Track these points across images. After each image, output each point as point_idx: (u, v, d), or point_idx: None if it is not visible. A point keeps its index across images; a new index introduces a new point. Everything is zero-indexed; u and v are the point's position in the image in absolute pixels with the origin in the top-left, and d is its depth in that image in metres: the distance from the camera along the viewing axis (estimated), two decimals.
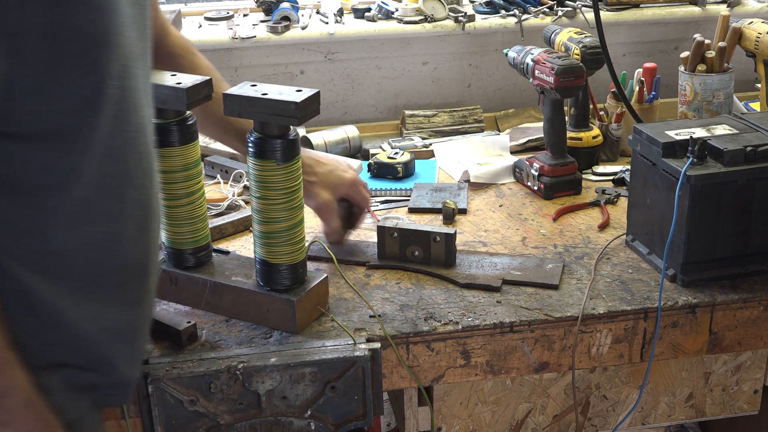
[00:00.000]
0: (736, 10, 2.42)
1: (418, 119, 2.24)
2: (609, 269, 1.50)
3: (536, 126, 2.17)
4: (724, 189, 1.40)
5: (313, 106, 1.25)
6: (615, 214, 1.72)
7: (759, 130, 1.48)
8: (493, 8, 2.36)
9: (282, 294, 1.33)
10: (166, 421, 1.26)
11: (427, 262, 1.52)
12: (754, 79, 2.08)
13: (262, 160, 1.27)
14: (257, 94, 1.24)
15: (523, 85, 2.34)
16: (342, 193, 1.54)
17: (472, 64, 2.39)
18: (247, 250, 1.59)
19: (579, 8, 2.36)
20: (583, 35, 1.95)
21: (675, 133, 1.47)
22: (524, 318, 1.36)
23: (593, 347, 1.39)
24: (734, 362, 1.50)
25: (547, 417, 1.48)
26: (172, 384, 1.25)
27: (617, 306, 1.39)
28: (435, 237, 1.50)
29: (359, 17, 2.34)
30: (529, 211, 1.76)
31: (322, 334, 1.33)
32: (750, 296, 1.41)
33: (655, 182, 1.47)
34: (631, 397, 1.49)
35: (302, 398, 1.29)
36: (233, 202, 1.81)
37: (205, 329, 1.36)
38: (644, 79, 2.03)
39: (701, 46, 1.96)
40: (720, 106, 1.96)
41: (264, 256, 1.33)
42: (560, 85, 1.74)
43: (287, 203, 1.30)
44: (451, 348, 1.35)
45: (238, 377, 1.26)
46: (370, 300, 1.42)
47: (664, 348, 1.42)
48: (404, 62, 2.35)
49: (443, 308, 1.39)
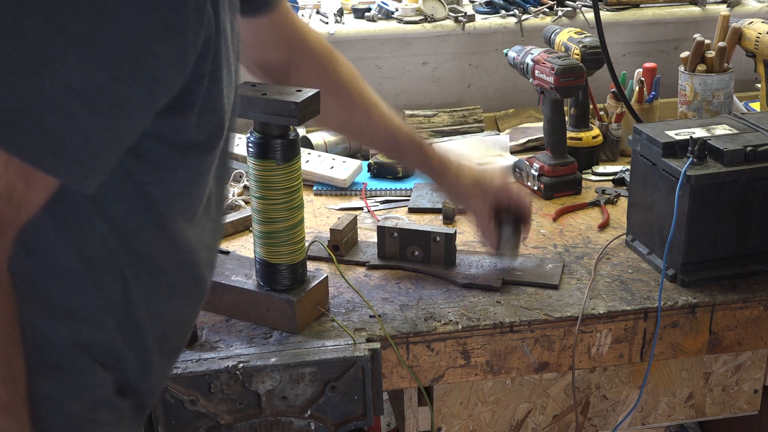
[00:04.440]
0: (736, 10, 2.42)
1: (418, 119, 2.24)
2: (609, 269, 1.50)
3: (536, 126, 2.17)
4: (724, 189, 1.40)
5: (313, 106, 1.25)
6: (615, 214, 1.72)
7: (759, 130, 1.48)
8: (493, 8, 2.36)
9: (282, 294, 1.33)
10: (166, 421, 1.26)
11: (427, 262, 1.52)
12: (754, 79, 2.08)
13: (262, 160, 1.27)
14: (257, 94, 1.24)
15: (523, 85, 2.34)
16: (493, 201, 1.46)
17: (472, 64, 2.39)
18: (247, 250, 1.59)
19: (579, 8, 2.36)
20: (583, 35, 1.95)
21: (675, 133, 1.47)
22: (524, 318, 1.36)
23: (593, 347, 1.39)
24: (734, 362, 1.50)
25: (547, 417, 1.48)
26: (172, 384, 1.25)
27: (617, 306, 1.39)
28: (435, 237, 1.50)
29: (359, 17, 2.34)
30: None
31: (322, 334, 1.33)
32: (750, 296, 1.41)
33: (655, 182, 1.47)
34: (631, 397, 1.49)
35: (302, 398, 1.29)
36: (233, 202, 1.81)
37: (205, 329, 1.36)
38: (644, 79, 2.03)
39: (701, 46, 1.96)
40: (720, 106, 1.96)
41: (264, 256, 1.33)
42: (560, 85, 1.74)
43: (287, 203, 1.30)
44: (451, 348, 1.35)
45: (238, 377, 1.26)
46: (370, 300, 1.42)
47: (664, 348, 1.42)
48: (404, 62, 2.35)
49: (443, 308, 1.39)
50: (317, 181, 1.90)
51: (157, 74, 0.84)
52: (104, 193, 0.91)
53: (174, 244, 1.00)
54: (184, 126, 0.91)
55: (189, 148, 0.94)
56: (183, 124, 0.91)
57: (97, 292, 0.96)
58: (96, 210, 0.93)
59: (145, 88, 0.84)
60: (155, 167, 0.94)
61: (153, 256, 0.99)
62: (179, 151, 0.94)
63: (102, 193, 0.91)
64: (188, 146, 0.94)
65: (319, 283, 1.37)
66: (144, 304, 1.00)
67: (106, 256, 0.95)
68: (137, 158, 0.92)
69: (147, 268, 0.99)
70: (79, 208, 0.92)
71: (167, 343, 1.07)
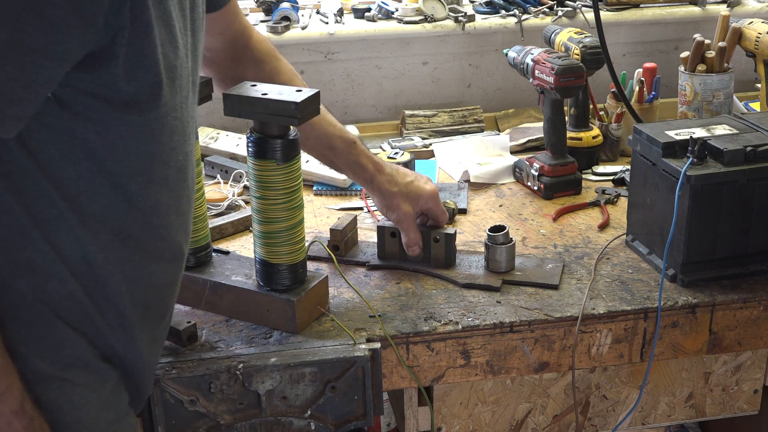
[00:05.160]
0: (736, 10, 2.42)
1: (418, 119, 2.24)
2: (609, 269, 1.50)
3: (536, 126, 2.17)
4: (724, 189, 1.40)
5: (313, 106, 1.25)
6: (615, 214, 1.72)
7: (759, 130, 1.48)
8: (493, 8, 2.36)
9: (282, 294, 1.33)
10: (166, 421, 1.26)
11: (427, 262, 1.52)
12: (754, 79, 2.08)
13: (262, 160, 1.27)
14: (257, 94, 1.24)
15: (523, 85, 2.34)
16: (422, 205, 1.51)
17: (472, 64, 2.39)
18: (247, 250, 1.59)
19: (579, 8, 2.36)
20: (583, 35, 1.95)
21: (675, 133, 1.47)
22: (524, 318, 1.36)
23: (593, 347, 1.39)
24: (734, 362, 1.50)
25: (547, 417, 1.48)
26: (172, 384, 1.25)
27: (617, 306, 1.39)
28: (435, 237, 1.50)
29: (359, 17, 2.34)
30: (529, 211, 1.76)
31: (322, 334, 1.33)
32: (750, 296, 1.41)
33: (655, 182, 1.47)
34: (631, 397, 1.49)
35: (302, 398, 1.29)
36: (233, 202, 1.81)
37: (205, 329, 1.36)
38: (644, 79, 2.03)
39: (701, 46, 1.96)
40: (720, 106, 1.96)
41: (264, 256, 1.33)
42: (560, 85, 1.74)
43: (287, 203, 1.30)
44: (451, 348, 1.35)
45: (238, 377, 1.26)
46: (370, 300, 1.42)
47: (664, 348, 1.42)
48: (404, 62, 2.35)
49: (443, 308, 1.39)
50: (317, 181, 1.90)
51: (60, 24, 0.88)
52: (48, 152, 0.97)
53: (135, 206, 1.04)
54: (111, 79, 0.96)
55: (127, 104, 0.98)
56: (110, 77, 0.96)
57: (50, 249, 1.01)
58: (40, 170, 0.98)
59: (49, 37, 0.89)
60: (95, 124, 0.98)
61: (112, 218, 1.03)
62: (117, 108, 0.98)
63: (46, 153, 0.97)
64: (125, 103, 0.98)
65: (319, 283, 1.37)
66: (117, 269, 1.05)
67: (56, 215, 1.00)
68: (75, 115, 0.97)
69: (110, 231, 1.03)
70: (23, 168, 0.97)
71: (150, 310, 1.12)
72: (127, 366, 1.11)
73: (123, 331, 1.09)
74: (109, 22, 0.92)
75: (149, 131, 1.02)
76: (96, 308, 1.05)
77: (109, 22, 0.92)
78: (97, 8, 0.90)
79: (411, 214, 1.50)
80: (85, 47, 0.92)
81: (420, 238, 1.50)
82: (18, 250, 1.00)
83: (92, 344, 1.07)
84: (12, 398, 0.99)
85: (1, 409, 0.98)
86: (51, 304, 1.03)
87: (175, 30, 1.02)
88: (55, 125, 0.97)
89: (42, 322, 1.03)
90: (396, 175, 1.51)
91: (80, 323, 1.05)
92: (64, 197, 0.99)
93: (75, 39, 0.90)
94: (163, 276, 1.13)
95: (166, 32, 1.00)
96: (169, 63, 1.01)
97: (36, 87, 0.92)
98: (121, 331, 1.08)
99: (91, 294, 1.05)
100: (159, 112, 1.02)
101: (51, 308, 1.03)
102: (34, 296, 1.02)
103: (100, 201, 1.02)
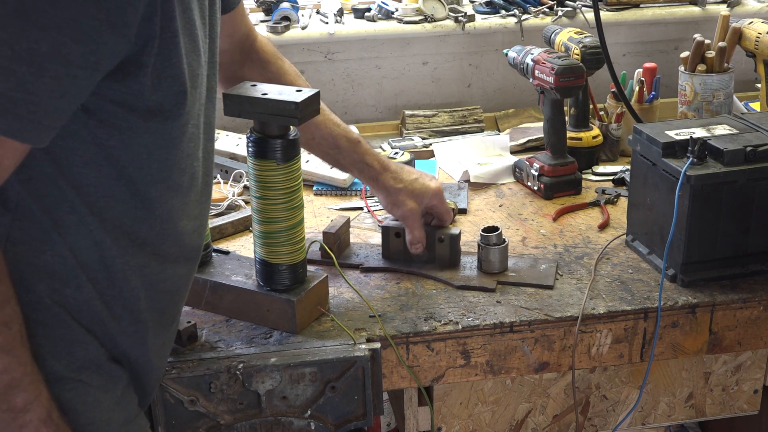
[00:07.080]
0: (736, 10, 2.42)
1: (418, 119, 2.24)
2: (609, 269, 1.50)
3: (536, 126, 2.17)
4: (724, 189, 1.40)
5: (313, 106, 1.25)
6: (615, 214, 1.72)
7: (759, 130, 1.48)
8: (493, 8, 2.36)
9: (282, 294, 1.33)
10: (166, 421, 1.26)
11: (431, 263, 1.51)
12: (754, 79, 2.08)
13: (262, 160, 1.27)
14: (257, 94, 1.24)
15: (523, 85, 2.34)
16: (427, 202, 1.51)
17: (472, 64, 2.39)
18: (247, 250, 1.59)
19: (579, 8, 2.36)
20: (583, 35, 1.95)
21: (675, 133, 1.47)
22: (524, 318, 1.36)
23: (593, 347, 1.39)
24: (734, 362, 1.50)
25: (547, 417, 1.48)
26: (172, 384, 1.25)
27: (617, 306, 1.39)
28: (440, 237, 1.50)
29: (359, 17, 2.34)
30: (529, 211, 1.76)
31: (322, 334, 1.33)
32: (750, 296, 1.41)
33: (655, 182, 1.47)
34: (631, 397, 1.49)
35: (302, 398, 1.29)
36: (233, 202, 1.81)
37: (205, 329, 1.36)
38: (644, 79, 2.03)
39: (701, 46, 1.96)
40: (720, 106, 1.96)
41: (264, 256, 1.33)
42: (560, 85, 1.74)
43: (287, 203, 1.30)
44: (451, 348, 1.35)
45: (238, 377, 1.26)
46: (370, 300, 1.42)
47: (664, 348, 1.42)
48: (404, 62, 2.35)
49: (443, 308, 1.39)
50: (317, 181, 1.90)
51: (95, 35, 0.89)
52: (71, 159, 0.98)
53: (152, 213, 1.05)
54: (139, 89, 0.97)
55: (152, 113, 0.99)
56: (138, 86, 0.97)
57: (69, 254, 1.02)
58: (62, 176, 0.99)
59: (87, 49, 0.90)
60: (119, 131, 0.99)
61: (129, 223, 1.04)
62: (141, 116, 0.99)
63: (69, 159, 0.98)
64: (151, 111, 0.99)
65: (319, 283, 1.37)
66: (136, 275, 1.06)
67: (76, 221, 1.01)
68: (101, 123, 0.97)
69: (127, 236, 1.04)
70: (46, 174, 0.98)
71: (165, 315, 1.14)
72: (137, 368, 1.12)
73: (136, 335, 1.09)
74: (140, 33, 0.93)
75: (170, 138, 1.03)
76: (111, 314, 1.06)
77: (140, 33, 0.93)
78: (131, 19, 0.91)
79: (416, 210, 1.50)
80: (117, 57, 0.93)
81: (424, 236, 1.50)
82: (38, 254, 1.01)
83: (104, 346, 1.07)
84: (40, 406, 0.99)
85: (30, 418, 0.99)
86: (67, 307, 1.03)
87: (198, 38, 1.03)
88: (80, 132, 0.97)
89: (58, 324, 1.03)
90: (401, 172, 1.51)
91: (94, 327, 1.06)
92: (85, 202, 1.00)
93: (108, 49, 0.91)
94: (178, 281, 1.14)
95: (190, 41, 1.01)
96: (193, 72, 1.02)
97: (70, 97, 0.92)
98: (135, 336, 1.09)
99: (107, 301, 1.05)
100: (182, 120, 1.03)
101: (67, 310, 1.03)
102: (52, 299, 1.02)
103: (118, 207, 1.02)
